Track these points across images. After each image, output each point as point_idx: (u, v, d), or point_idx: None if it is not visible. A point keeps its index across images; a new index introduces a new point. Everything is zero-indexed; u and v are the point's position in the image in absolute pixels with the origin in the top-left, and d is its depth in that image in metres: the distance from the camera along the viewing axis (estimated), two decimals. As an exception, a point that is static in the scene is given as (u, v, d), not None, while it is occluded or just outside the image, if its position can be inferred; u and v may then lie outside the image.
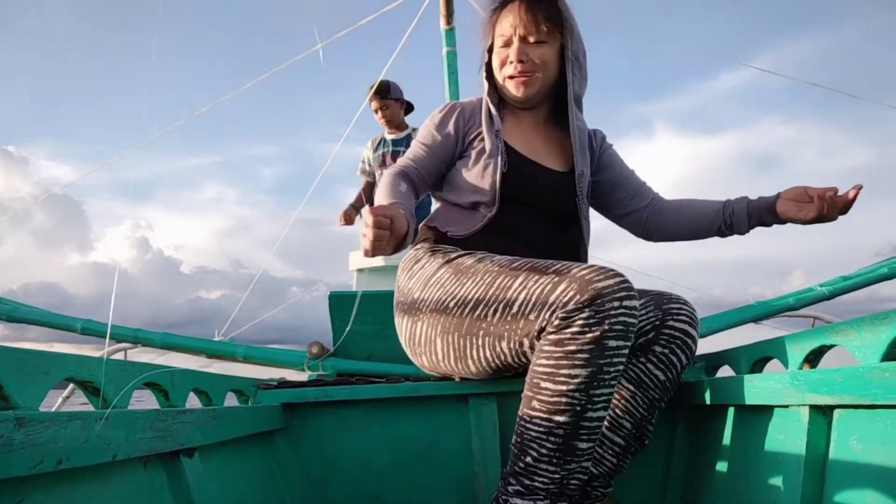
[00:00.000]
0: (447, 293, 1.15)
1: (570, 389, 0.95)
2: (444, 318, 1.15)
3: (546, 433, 0.97)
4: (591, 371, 0.94)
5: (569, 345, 0.95)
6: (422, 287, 1.21)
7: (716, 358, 1.35)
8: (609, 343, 0.95)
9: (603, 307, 0.94)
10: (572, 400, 0.95)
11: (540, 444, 0.97)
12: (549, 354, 0.97)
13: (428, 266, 1.24)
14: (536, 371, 0.99)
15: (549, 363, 0.97)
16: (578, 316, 0.95)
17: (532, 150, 1.35)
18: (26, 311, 2.04)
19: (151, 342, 2.02)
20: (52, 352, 0.66)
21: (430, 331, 1.18)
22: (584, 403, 0.95)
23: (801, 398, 0.85)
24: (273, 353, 1.94)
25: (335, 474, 1.27)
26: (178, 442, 0.79)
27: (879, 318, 0.83)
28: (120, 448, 0.64)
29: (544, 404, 0.97)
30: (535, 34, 1.29)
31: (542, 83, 1.34)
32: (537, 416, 0.98)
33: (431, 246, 1.29)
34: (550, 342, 0.97)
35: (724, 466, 1.13)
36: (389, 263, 5.60)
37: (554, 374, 0.96)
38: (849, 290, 1.79)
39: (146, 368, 0.90)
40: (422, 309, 1.20)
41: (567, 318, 0.96)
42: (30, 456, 0.51)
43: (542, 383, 0.97)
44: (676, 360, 1.12)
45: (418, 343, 1.22)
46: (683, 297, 1.18)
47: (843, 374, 0.76)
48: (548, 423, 0.96)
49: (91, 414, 0.60)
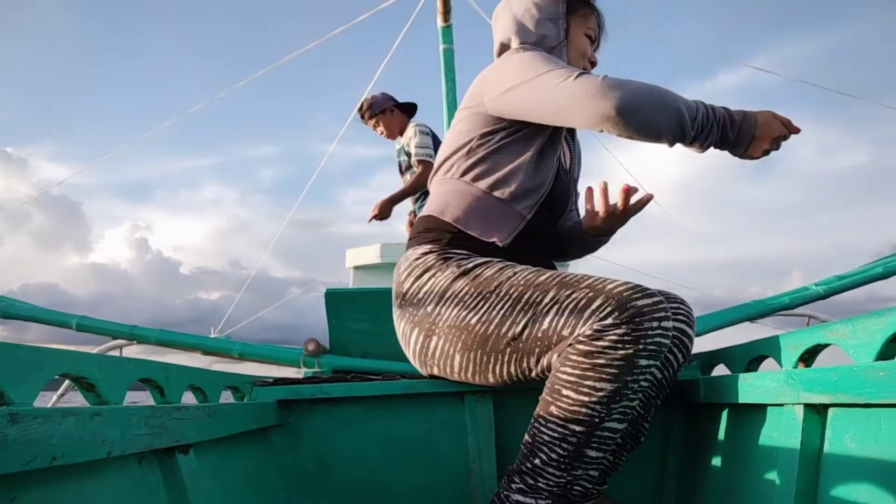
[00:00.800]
0: (468, 308, 1.11)
1: (591, 401, 0.94)
2: (465, 336, 1.11)
3: (559, 439, 0.96)
4: (617, 387, 0.94)
5: (598, 358, 0.94)
6: (436, 301, 1.15)
7: (711, 357, 1.35)
8: (640, 362, 0.94)
9: (641, 325, 0.94)
10: (592, 412, 0.94)
11: (550, 449, 0.97)
12: (576, 364, 0.96)
13: (441, 277, 1.16)
14: (559, 378, 0.97)
15: (575, 372, 0.96)
16: (613, 331, 0.94)
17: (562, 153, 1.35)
18: (22, 307, 2.04)
19: (147, 339, 2.01)
20: (46, 347, 0.65)
21: (448, 346, 1.14)
22: (603, 416, 0.94)
23: (796, 397, 0.85)
24: (269, 350, 1.94)
25: (331, 471, 1.27)
26: (174, 438, 0.79)
27: (874, 317, 0.83)
28: (115, 444, 0.64)
29: (562, 411, 0.96)
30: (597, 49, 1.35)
31: None
32: (553, 421, 0.97)
33: (442, 251, 1.19)
34: (579, 352, 0.96)
35: (719, 464, 1.13)
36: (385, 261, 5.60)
37: (578, 385, 0.95)
38: (844, 290, 1.80)
39: (141, 364, 0.89)
40: (438, 324, 1.15)
41: (601, 332, 0.94)
42: (24, 452, 0.51)
43: (563, 390, 0.96)
44: (673, 359, 1.12)
45: (431, 356, 1.18)
46: (681, 297, 1.18)
47: (837, 373, 0.76)
48: (563, 430, 0.96)
49: (85, 410, 0.60)
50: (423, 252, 1.22)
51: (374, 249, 5.98)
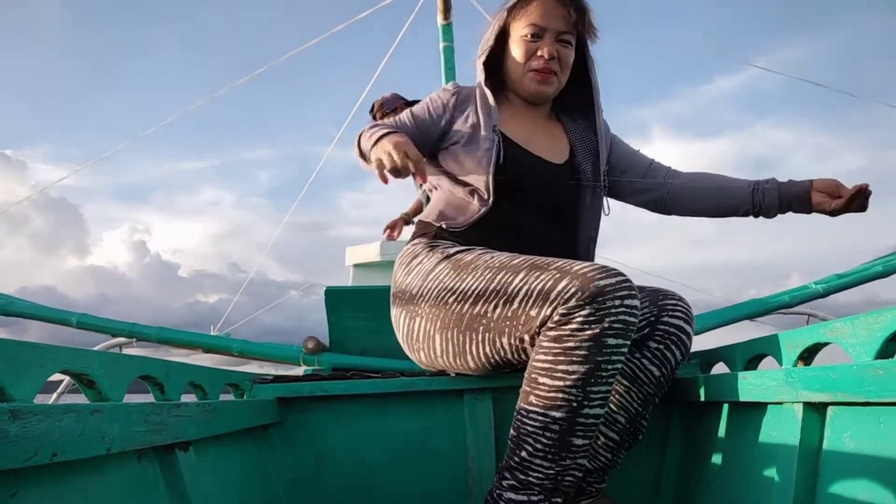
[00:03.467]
0: (447, 288, 1.15)
1: (566, 385, 0.95)
2: (443, 314, 1.15)
3: (542, 428, 0.97)
4: (589, 368, 0.94)
5: (567, 341, 0.95)
6: (420, 282, 1.21)
7: (710, 355, 1.35)
8: (608, 341, 0.95)
9: (604, 305, 0.94)
10: (569, 396, 0.95)
11: (535, 440, 0.97)
12: (548, 350, 0.97)
13: (426, 261, 1.23)
14: (535, 366, 0.99)
15: (548, 359, 0.97)
16: (579, 313, 0.95)
17: (529, 141, 1.34)
18: (21, 304, 2.03)
19: (147, 336, 2.01)
20: (46, 344, 0.66)
21: (429, 326, 1.18)
22: (581, 400, 0.95)
23: (795, 395, 0.85)
24: (269, 348, 1.94)
25: (329, 468, 1.27)
26: (173, 435, 0.79)
27: (874, 316, 0.83)
28: (114, 441, 0.64)
29: (541, 399, 0.97)
30: (568, 34, 1.29)
31: (560, 86, 1.34)
32: (534, 411, 0.98)
33: (430, 241, 1.28)
34: (549, 338, 0.98)
35: (718, 463, 1.13)
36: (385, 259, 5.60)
37: (552, 370, 0.96)
38: (843, 288, 1.79)
39: (142, 361, 0.89)
40: (420, 304, 1.19)
41: (567, 315, 0.96)
42: (24, 448, 0.51)
43: (539, 378, 0.98)
44: (671, 356, 1.13)
45: (416, 339, 1.22)
46: (679, 294, 1.19)
47: (837, 371, 0.76)
48: (544, 418, 0.97)
49: (86, 407, 0.60)
50: (413, 243, 1.31)
51: (374, 247, 5.98)
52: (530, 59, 1.30)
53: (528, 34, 1.29)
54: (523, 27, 1.29)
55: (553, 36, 1.28)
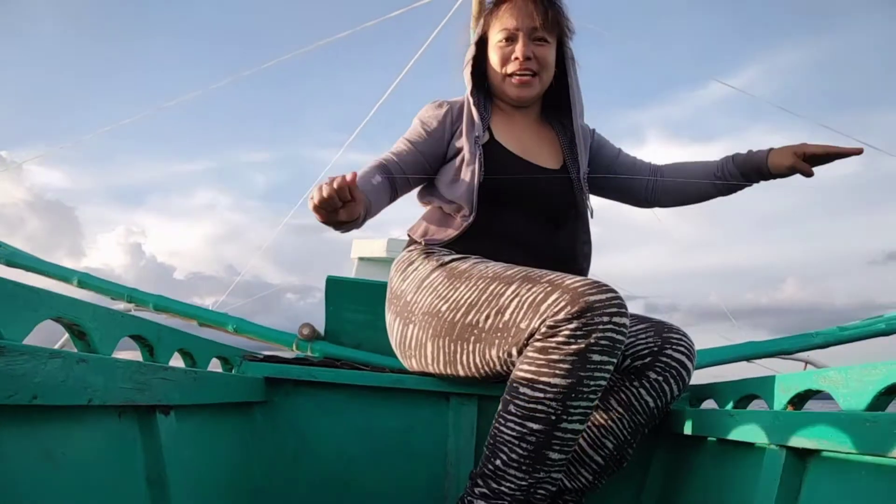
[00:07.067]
0: (440, 297, 1.15)
1: (546, 397, 0.95)
2: (435, 322, 1.15)
3: (518, 438, 0.96)
4: (571, 382, 0.94)
5: (552, 353, 0.95)
6: (415, 290, 1.21)
7: (701, 390, 1.34)
8: (593, 357, 0.94)
9: (592, 320, 0.94)
10: (548, 409, 0.95)
11: (511, 449, 0.97)
12: (532, 361, 0.97)
13: (422, 269, 1.23)
14: (518, 376, 0.99)
15: (531, 369, 0.97)
16: (566, 326, 0.95)
17: (524, 148, 1.33)
18: (24, 256, 2.05)
19: (145, 303, 2.03)
20: (43, 289, 0.66)
21: (421, 334, 1.18)
22: (560, 414, 0.95)
23: (780, 439, 0.84)
24: (263, 329, 1.95)
25: (308, 455, 1.27)
26: (156, 397, 0.79)
27: (868, 368, 0.82)
28: (96, 393, 0.64)
29: (520, 409, 0.97)
30: (542, 31, 1.28)
31: (542, 86, 1.33)
32: (512, 420, 0.97)
33: (426, 248, 1.28)
34: (535, 349, 0.97)
35: (696, 498, 1.12)
36: (392, 256, 5.61)
37: (534, 381, 0.96)
38: (843, 342, 1.79)
39: (135, 320, 0.90)
40: (414, 311, 1.20)
41: (554, 327, 0.96)
42: (5, 386, 0.51)
43: (520, 388, 0.97)
44: (668, 389, 1.12)
45: (408, 346, 1.22)
46: (683, 329, 1.18)
47: (823, 419, 0.75)
48: (521, 428, 0.96)
49: (72, 354, 0.60)
50: (409, 250, 1.32)
51: (381, 243, 5.99)
52: (507, 63, 1.30)
53: (502, 38, 1.29)
54: (497, 32, 1.30)
55: (526, 36, 1.28)
